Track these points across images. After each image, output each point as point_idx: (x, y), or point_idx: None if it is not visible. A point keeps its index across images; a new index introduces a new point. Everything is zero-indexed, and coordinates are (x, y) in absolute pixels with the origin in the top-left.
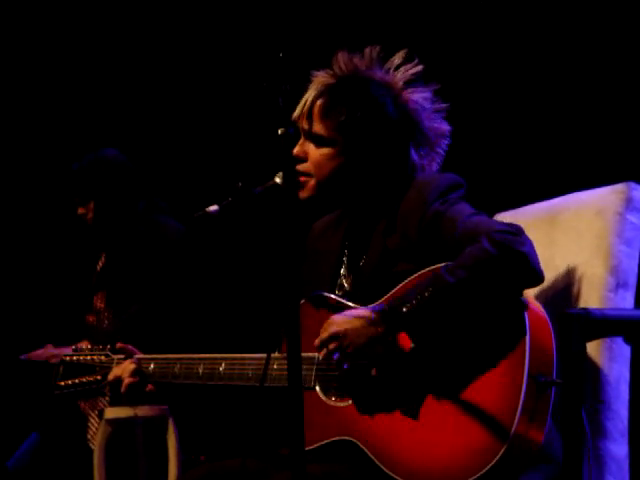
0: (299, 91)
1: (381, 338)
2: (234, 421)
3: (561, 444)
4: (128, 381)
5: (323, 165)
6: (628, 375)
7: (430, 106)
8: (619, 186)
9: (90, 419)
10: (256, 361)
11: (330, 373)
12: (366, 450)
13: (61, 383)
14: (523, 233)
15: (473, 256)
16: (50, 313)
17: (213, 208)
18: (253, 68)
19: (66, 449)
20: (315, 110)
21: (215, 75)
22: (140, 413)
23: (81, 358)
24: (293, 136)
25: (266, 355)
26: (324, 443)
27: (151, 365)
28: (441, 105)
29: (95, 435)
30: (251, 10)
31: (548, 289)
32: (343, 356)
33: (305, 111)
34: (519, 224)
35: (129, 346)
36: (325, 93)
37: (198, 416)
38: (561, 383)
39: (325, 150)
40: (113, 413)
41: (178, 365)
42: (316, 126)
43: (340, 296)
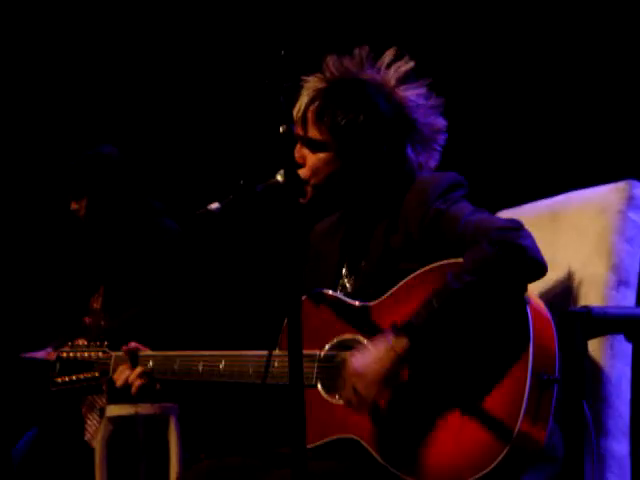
0: (301, 89)
1: (403, 359)
2: (235, 419)
3: (562, 442)
4: (139, 383)
5: (320, 169)
6: (629, 373)
7: (425, 102)
8: (621, 184)
9: (87, 420)
10: (256, 358)
11: (332, 371)
12: (370, 448)
13: (58, 379)
14: (522, 227)
15: (475, 259)
16: (47, 314)
17: (215, 206)
18: (254, 66)
19: (64, 446)
20: (309, 115)
21: (216, 73)
22: (141, 411)
23: (78, 354)
24: (294, 134)
25: (267, 352)
26: (326, 441)
27: (150, 362)
28: (436, 100)
29: (93, 433)
30: (252, 8)
31: (549, 287)
32: (375, 392)
33: (299, 117)
34: (519, 219)
35: (132, 344)
36: (318, 97)
37: (200, 414)
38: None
39: (321, 155)
40: (114, 411)
41: (178, 362)
42: (311, 131)
43: (340, 294)
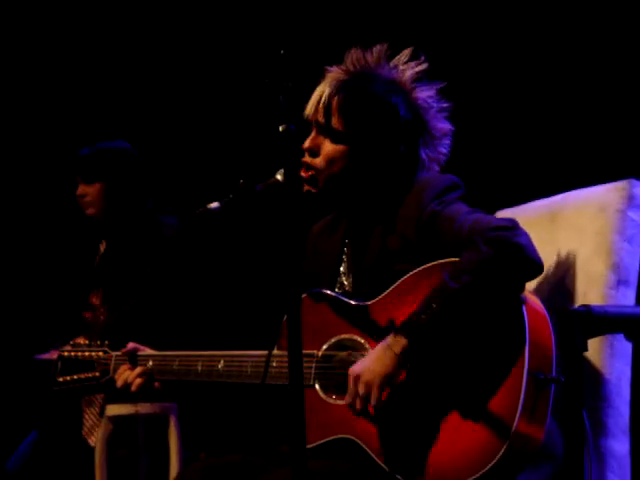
0: (300, 88)
1: (402, 359)
2: (235, 418)
3: (562, 441)
4: (139, 382)
5: (336, 161)
6: (629, 372)
7: (435, 105)
8: (620, 183)
9: (85, 415)
10: (255, 358)
11: (330, 371)
12: (367, 449)
13: (59, 379)
14: (518, 226)
15: (472, 260)
16: (46, 310)
17: (214, 205)
18: (254, 65)
19: (63, 445)
20: (334, 105)
21: (216, 72)
22: (141, 410)
23: (79, 354)
24: (294, 133)
25: (267, 352)
26: (324, 441)
27: (149, 362)
28: (444, 104)
29: (90, 430)
30: (253, 7)
31: (549, 286)
32: (374, 394)
33: (322, 106)
34: (514, 218)
35: (131, 344)
36: (342, 89)
37: (199, 413)
38: (560, 380)
39: (340, 146)
40: (114, 410)
41: (177, 362)
42: (335, 121)
43: (339, 293)
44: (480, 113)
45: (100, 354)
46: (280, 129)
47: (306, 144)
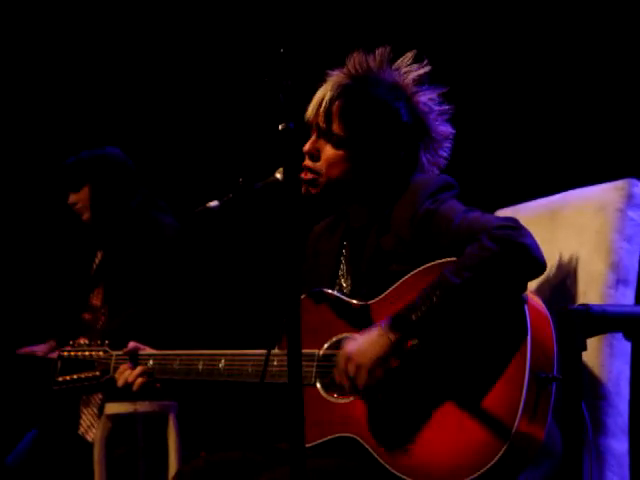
0: (300, 87)
1: (396, 347)
2: (235, 416)
3: (561, 440)
4: (140, 381)
5: (336, 165)
6: (628, 371)
7: (437, 108)
8: (620, 182)
9: (82, 414)
10: (256, 357)
11: (331, 370)
12: (368, 447)
13: (59, 379)
14: (522, 226)
15: (476, 255)
16: (46, 310)
17: (213, 203)
18: (254, 64)
19: (62, 443)
20: (334, 110)
21: (216, 71)
22: (140, 409)
23: (79, 354)
24: (294, 132)
25: (266, 351)
26: (325, 440)
27: (150, 361)
28: (445, 107)
29: (87, 429)
30: (252, 6)
31: (548, 285)
32: (365, 375)
33: (323, 110)
34: (514, 217)
35: (132, 343)
36: (344, 94)
37: (199, 411)
38: (562, 379)
39: (340, 151)
40: (113, 409)
41: (177, 361)
42: (335, 126)
43: (340, 293)
44: (480, 113)
45: (100, 354)
46: (280, 128)
47: (306, 147)
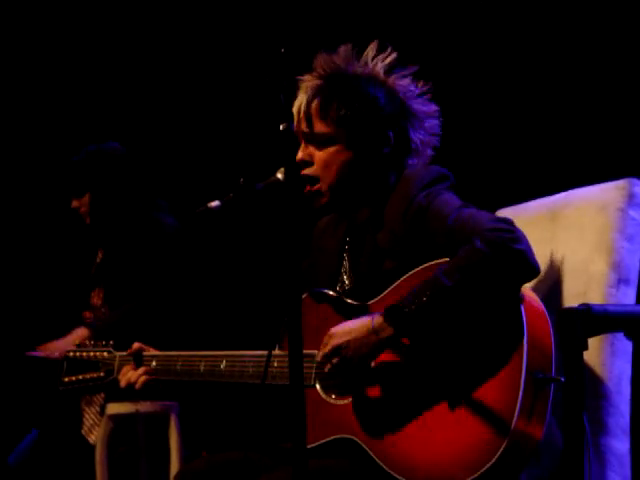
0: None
1: (384, 345)
2: (236, 416)
3: (562, 439)
4: (142, 380)
5: (331, 163)
6: (629, 371)
7: (414, 89)
8: (621, 182)
9: (85, 414)
10: (257, 358)
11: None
12: (367, 448)
13: (65, 379)
14: (515, 228)
15: (467, 258)
16: (47, 309)
17: (215, 204)
18: (255, 64)
19: (64, 443)
20: (313, 111)
21: (217, 71)
22: (142, 409)
23: (84, 354)
24: (294, 132)
25: (267, 352)
26: (325, 441)
27: (153, 362)
28: (424, 86)
29: (90, 429)
30: (253, 6)
31: (549, 285)
32: (349, 368)
33: (303, 115)
34: (509, 217)
35: (136, 344)
36: (318, 94)
37: (200, 411)
38: (559, 380)
39: (331, 148)
40: (115, 409)
41: (180, 362)
42: (317, 126)
43: (340, 293)
44: (481, 112)
45: (105, 354)
46: (281, 128)
47: (298, 157)
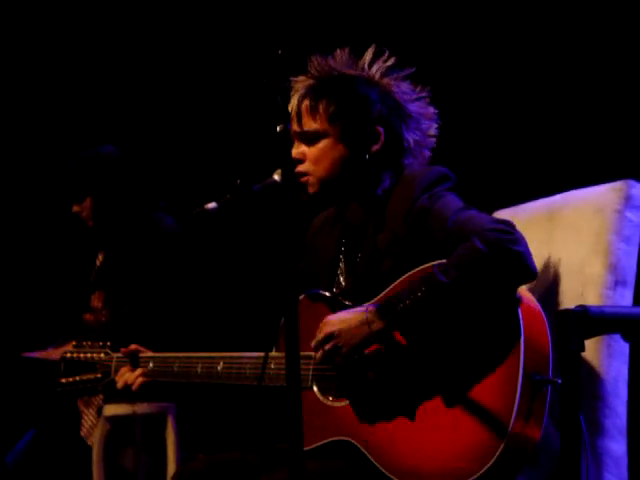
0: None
1: (375, 337)
2: (233, 418)
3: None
4: (139, 381)
5: (322, 158)
6: (626, 373)
7: (412, 92)
8: (618, 184)
9: (83, 416)
10: (254, 360)
11: (327, 373)
12: (364, 451)
13: (62, 380)
14: (515, 230)
15: (465, 255)
16: (48, 311)
17: (212, 205)
18: (252, 65)
19: (62, 444)
20: (303, 110)
21: (214, 72)
22: (139, 410)
23: (81, 355)
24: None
25: (264, 354)
26: (322, 443)
27: (150, 364)
28: (423, 90)
29: (89, 431)
30: (250, 7)
31: (546, 286)
32: (338, 356)
33: (294, 114)
34: (510, 219)
35: (133, 346)
36: (309, 92)
37: (197, 413)
38: (557, 382)
39: (321, 144)
40: (112, 410)
41: (177, 364)
42: (307, 124)
43: (337, 294)
44: (479, 113)
45: (102, 355)
46: (278, 129)
47: (292, 154)
